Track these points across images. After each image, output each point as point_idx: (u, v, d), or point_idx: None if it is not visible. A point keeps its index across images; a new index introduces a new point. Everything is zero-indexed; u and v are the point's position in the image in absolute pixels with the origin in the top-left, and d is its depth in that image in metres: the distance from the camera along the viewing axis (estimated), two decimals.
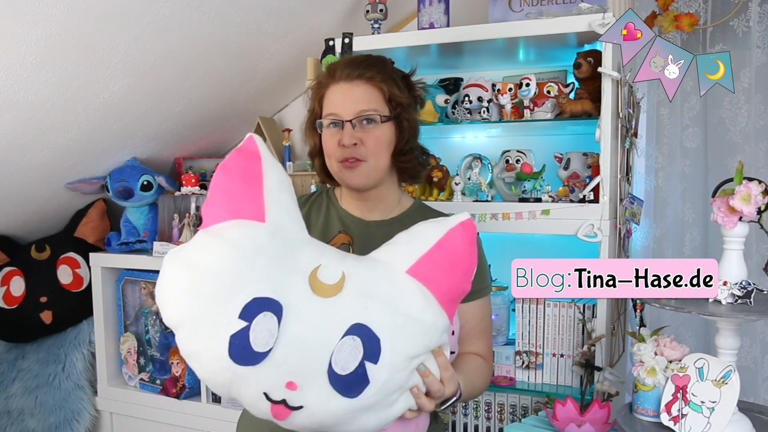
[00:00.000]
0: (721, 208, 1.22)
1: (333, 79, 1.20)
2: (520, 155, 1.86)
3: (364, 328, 0.91)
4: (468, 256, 1.02)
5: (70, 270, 2.29)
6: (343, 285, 0.94)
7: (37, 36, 1.54)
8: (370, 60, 1.21)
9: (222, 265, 0.91)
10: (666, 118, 1.96)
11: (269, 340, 0.88)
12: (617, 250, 1.65)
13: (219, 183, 0.99)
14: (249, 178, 0.98)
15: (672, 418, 1.19)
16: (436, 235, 1.01)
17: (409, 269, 0.99)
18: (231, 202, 0.97)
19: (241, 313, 0.88)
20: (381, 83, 1.18)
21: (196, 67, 1.96)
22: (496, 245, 1.92)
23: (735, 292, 1.20)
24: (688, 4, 1.87)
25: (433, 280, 0.99)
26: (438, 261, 0.99)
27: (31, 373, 2.31)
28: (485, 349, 1.27)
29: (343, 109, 1.18)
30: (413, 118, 1.25)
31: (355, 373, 0.90)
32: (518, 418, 1.75)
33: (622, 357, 1.79)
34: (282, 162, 2.33)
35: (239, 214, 0.97)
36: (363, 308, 0.93)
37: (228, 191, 0.98)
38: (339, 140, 1.17)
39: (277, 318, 0.88)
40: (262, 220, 0.97)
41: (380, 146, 1.19)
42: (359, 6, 2.04)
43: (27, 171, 1.99)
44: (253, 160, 0.99)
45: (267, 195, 0.98)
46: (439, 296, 1.00)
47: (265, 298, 0.89)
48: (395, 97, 1.19)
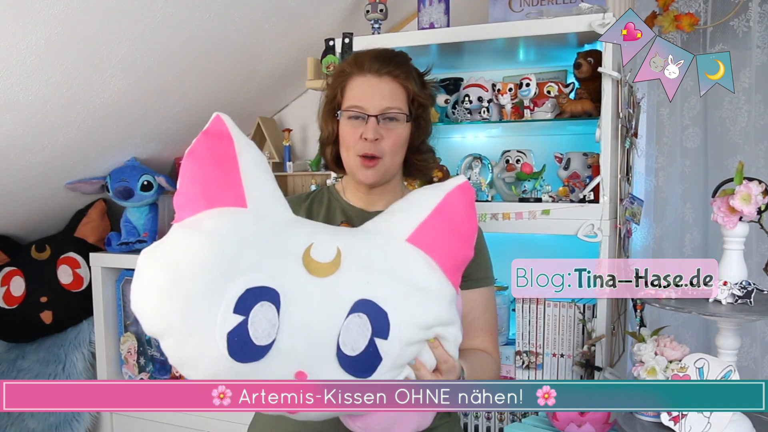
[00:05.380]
0: (721, 208, 1.22)
1: (360, 70, 1.18)
2: (520, 155, 1.86)
3: (369, 304, 0.87)
4: (468, 219, 0.99)
5: (70, 270, 2.29)
6: (341, 261, 0.88)
7: (37, 36, 1.54)
8: (398, 57, 1.21)
9: (207, 260, 0.84)
10: (666, 118, 1.96)
11: (271, 331, 0.82)
12: (617, 250, 1.65)
13: (190, 170, 0.92)
14: (223, 161, 0.91)
15: (672, 419, 1.19)
16: (434, 200, 0.97)
17: (409, 237, 0.95)
18: (206, 189, 0.90)
19: (236, 307, 0.82)
20: (406, 82, 1.18)
21: (196, 67, 1.96)
22: (496, 245, 1.92)
23: (735, 292, 1.20)
24: (688, 4, 1.87)
25: (434, 247, 0.95)
26: (438, 226, 0.96)
27: (31, 373, 2.31)
28: (491, 344, 1.25)
29: (369, 103, 1.16)
30: (428, 119, 1.25)
31: (366, 351, 0.86)
32: (518, 418, 1.74)
33: (622, 357, 1.79)
34: (282, 162, 2.33)
35: (218, 202, 0.90)
36: (365, 283, 0.88)
37: (201, 178, 0.91)
38: (361, 134, 1.16)
39: (275, 306, 0.83)
40: (244, 206, 0.90)
41: (398, 144, 1.19)
42: (359, 6, 2.04)
43: (27, 171, 1.99)
44: (224, 141, 0.92)
45: (245, 178, 0.91)
46: (443, 263, 0.95)
47: (260, 287, 0.83)
48: (417, 97, 1.20)
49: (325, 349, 0.85)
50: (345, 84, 1.21)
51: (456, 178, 1.00)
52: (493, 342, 1.26)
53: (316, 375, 0.84)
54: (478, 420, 1.81)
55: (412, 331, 0.90)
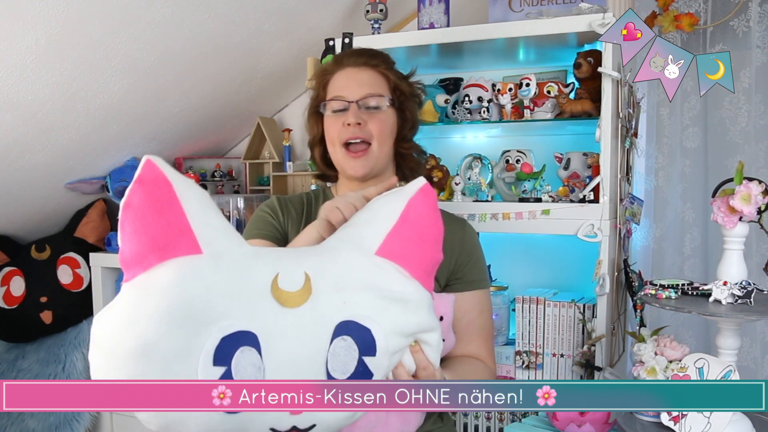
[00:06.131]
0: (721, 208, 1.22)
1: (340, 65, 1.23)
2: (520, 155, 1.86)
3: (351, 324, 0.85)
4: (434, 222, 0.97)
5: (70, 270, 2.29)
6: (311, 286, 0.85)
7: (37, 36, 1.54)
8: (378, 53, 1.25)
9: (174, 315, 0.78)
10: (666, 118, 1.96)
11: (257, 375, 0.79)
12: (617, 250, 1.65)
13: (130, 225, 0.83)
14: (165, 208, 0.83)
15: (672, 418, 1.19)
16: (397, 208, 0.94)
17: (378, 250, 0.92)
18: (154, 242, 0.82)
19: (215, 359, 0.78)
20: (386, 71, 1.22)
21: (196, 67, 1.96)
22: (496, 245, 1.92)
23: (735, 292, 1.20)
24: (688, 4, 1.87)
25: (404, 256, 0.93)
26: (405, 235, 0.93)
27: (31, 373, 2.31)
28: (485, 349, 1.24)
29: (348, 91, 1.19)
30: (414, 112, 1.27)
31: (356, 372, 0.85)
32: (518, 418, 1.75)
33: (622, 357, 1.79)
34: (282, 162, 2.33)
35: (169, 253, 0.82)
36: (342, 303, 0.85)
37: (145, 231, 0.82)
38: (343, 122, 1.18)
39: (255, 349, 0.79)
40: (198, 252, 0.83)
41: (384, 131, 1.20)
42: (359, 6, 2.04)
43: (27, 171, 1.99)
44: (162, 186, 0.83)
45: (193, 221, 0.84)
46: (414, 271, 0.94)
47: (234, 333, 0.79)
48: (399, 86, 1.23)
49: (316, 380, 0.83)
50: (327, 81, 1.24)
51: (416, 181, 0.97)
52: (488, 347, 1.25)
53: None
54: (478, 420, 1.81)
55: (396, 340, 0.89)
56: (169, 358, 0.77)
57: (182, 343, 0.77)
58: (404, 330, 0.90)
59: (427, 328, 0.94)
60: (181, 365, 0.78)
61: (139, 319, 0.78)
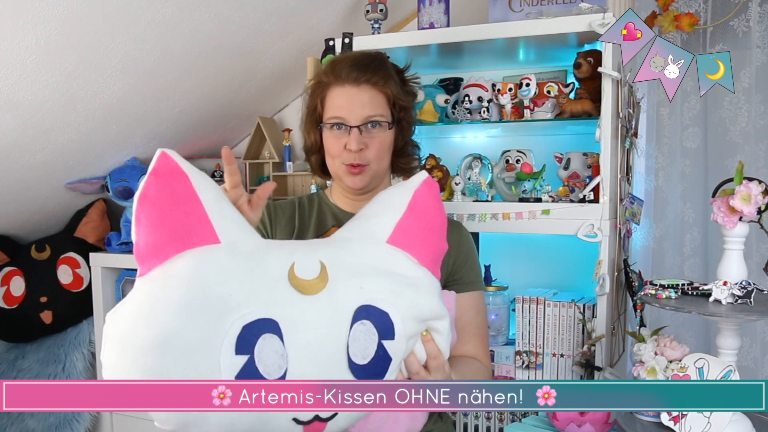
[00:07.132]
0: (721, 208, 1.22)
1: (338, 80, 1.18)
2: (520, 155, 1.86)
3: (370, 308, 0.87)
4: (439, 212, 1.02)
5: (70, 270, 2.29)
6: (328, 274, 0.87)
7: (37, 36, 1.54)
8: (375, 62, 1.20)
9: (194, 306, 0.79)
10: (666, 118, 1.96)
11: (281, 362, 0.80)
12: (617, 250, 1.65)
13: (147, 216, 0.83)
14: (183, 200, 0.84)
15: (672, 419, 1.19)
16: (404, 199, 0.99)
17: (389, 239, 0.96)
18: (172, 233, 0.83)
19: (237, 348, 0.79)
20: (386, 87, 1.18)
21: (196, 67, 1.96)
22: (497, 245, 1.92)
23: (735, 292, 1.20)
24: (688, 4, 1.87)
25: (413, 245, 0.97)
26: (414, 225, 0.97)
27: (31, 373, 2.31)
28: (482, 349, 1.26)
29: (349, 113, 1.16)
30: (411, 117, 1.27)
31: (376, 356, 0.87)
32: (518, 418, 1.75)
33: (622, 357, 1.79)
34: (282, 162, 2.33)
35: (188, 244, 0.83)
36: (359, 288, 0.88)
37: (163, 223, 0.83)
38: (345, 144, 1.17)
39: (278, 336, 0.81)
40: (217, 242, 0.85)
41: (383, 150, 1.20)
42: (359, 6, 2.04)
43: (27, 171, 1.99)
44: (178, 178, 0.85)
45: (210, 212, 0.85)
46: (423, 259, 0.97)
47: (256, 320, 0.80)
48: (399, 101, 1.21)
49: (337, 365, 0.85)
50: (324, 95, 1.21)
51: (418, 174, 1.02)
52: (484, 348, 1.27)
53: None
54: (478, 420, 1.81)
55: (412, 325, 0.91)
56: (190, 349, 0.78)
57: (203, 332, 0.78)
58: (419, 315, 0.92)
59: (438, 315, 0.96)
60: (203, 355, 0.78)
61: (159, 310, 0.78)
